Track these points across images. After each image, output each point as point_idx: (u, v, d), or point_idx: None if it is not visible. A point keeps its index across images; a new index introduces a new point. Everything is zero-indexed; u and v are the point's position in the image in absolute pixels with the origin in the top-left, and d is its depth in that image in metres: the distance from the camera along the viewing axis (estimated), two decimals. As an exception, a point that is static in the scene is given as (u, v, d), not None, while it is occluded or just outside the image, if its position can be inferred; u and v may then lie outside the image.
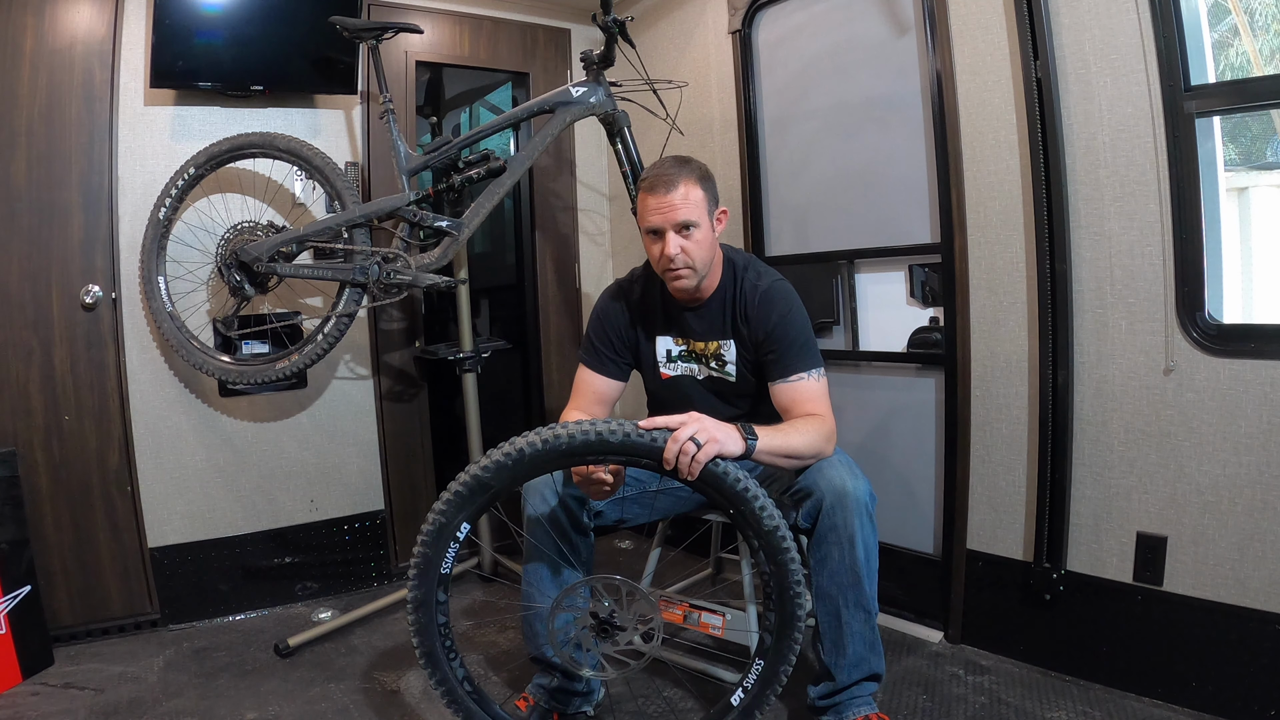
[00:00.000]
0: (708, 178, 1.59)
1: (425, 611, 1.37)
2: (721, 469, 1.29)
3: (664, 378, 1.73)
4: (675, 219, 1.53)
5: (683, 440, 1.27)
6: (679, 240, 1.54)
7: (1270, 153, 2.05)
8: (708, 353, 1.68)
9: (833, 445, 1.51)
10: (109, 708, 1.80)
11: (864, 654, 1.48)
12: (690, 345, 1.70)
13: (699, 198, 1.55)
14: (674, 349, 1.72)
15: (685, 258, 1.55)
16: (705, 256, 1.58)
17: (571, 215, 2.95)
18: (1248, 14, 1.85)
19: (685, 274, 1.57)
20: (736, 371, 1.66)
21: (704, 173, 1.59)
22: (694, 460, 1.27)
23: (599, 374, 1.70)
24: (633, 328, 1.73)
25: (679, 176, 1.54)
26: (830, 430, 1.51)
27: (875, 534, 1.46)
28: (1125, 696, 1.67)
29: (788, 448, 1.42)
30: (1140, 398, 1.66)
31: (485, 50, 2.76)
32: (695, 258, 1.56)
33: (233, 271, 2.12)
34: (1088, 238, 1.71)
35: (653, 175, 1.57)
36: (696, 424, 1.29)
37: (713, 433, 1.29)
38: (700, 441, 1.28)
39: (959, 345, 1.93)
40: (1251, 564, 1.52)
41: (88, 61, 2.13)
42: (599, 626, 1.40)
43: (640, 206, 1.59)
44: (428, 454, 2.70)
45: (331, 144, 2.45)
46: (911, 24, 2.00)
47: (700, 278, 1.60)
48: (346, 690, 1.87)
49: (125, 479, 2.22)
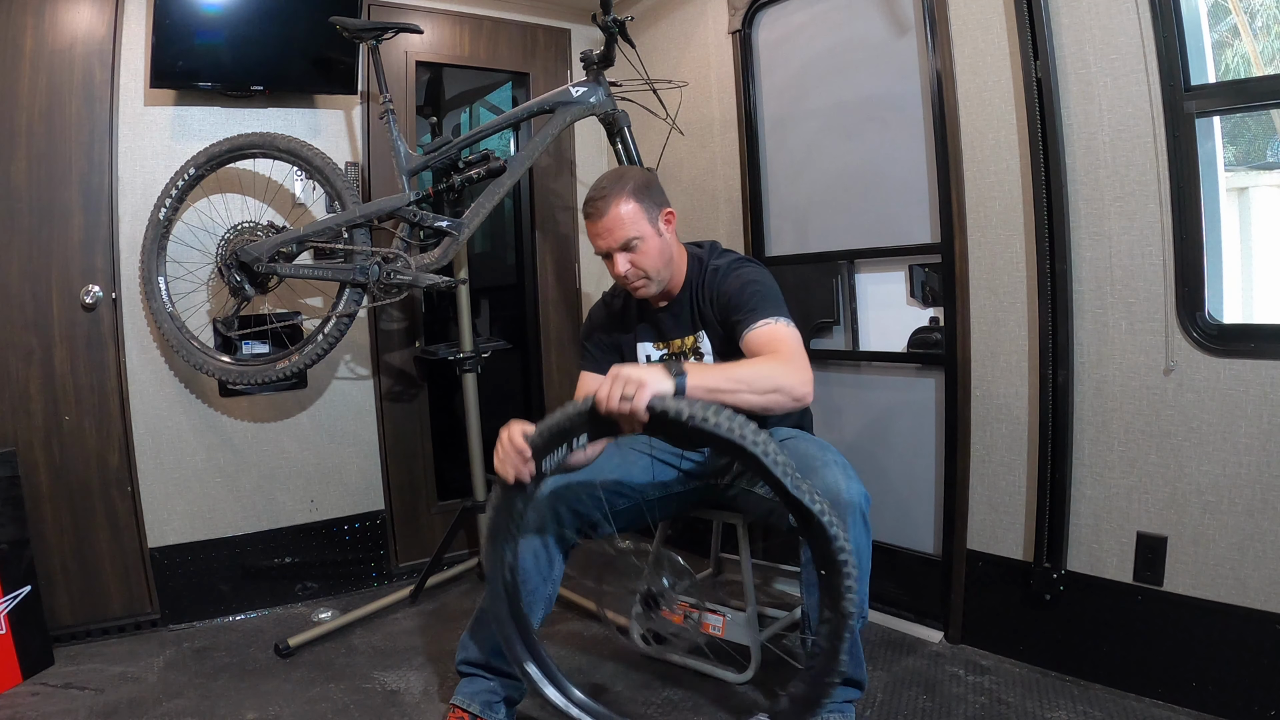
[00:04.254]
0: (644, 187, 1.59)
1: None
2: (664, 407, 1.22)
3: None
4: (615, 241, 1.57)
5: (610, 402, 1.23)
6: (626, 258, 1.58)
7: (1270, 153, 2.05)
8: (686, 349, 1.70)
9: (799, 379, 1.39)
10: (109, 708, 1.80)
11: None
12: (669, 345, 1.72)
13: (633, 211, 1.56)
14: (654, 354, 1.74)
15: (636, 271, 1.59)
16: (657, 264, 1.60)
17: (571, 215, 2.95)
18: (1248, 14, 1.85)
19: (642, 284, 1.62)
20: (715, 361, 1.67)
21: (639, 183, 1.59)
22: (634, 411, 1.21)
23: (598, 374, 1.71)
24: (617, 335, 1.77)
25: (610, 198, 1.56)
26: (793, 362, 1.41)
27: (869, 537, 1.44)
28: (1125, 696, 1.66)
29: (735, 379, 1.33)
30: (1140, 398, 1.66)
31: (485, 50, 2.76)
32: (647, 268, 1.59)
33: (233, 272, 2.12)
34: (1088, 238, 1.71)
35: (589, 200, 1.60)
36: (613, 377, 1.25)
37: (636, 377, 1.24)
38: (629, 394, 1.22)
39: (959, 345, 1.93)
40: (1251, 564, 1.52)
41: (88, 61, 2.13)
42: (647, 598, 1.42)
43: (588, 232, 1.63)
44: (428, 454, 2.70)
45: (331, 144, 2.45)
46: (911, 24, 2.00)
47: (660, 283, 1.63)
48: (346, 690, 1.86)
49: (125, 479, 2.22)
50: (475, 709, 1.59)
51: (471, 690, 1.62)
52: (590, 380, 1.72)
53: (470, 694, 1.61)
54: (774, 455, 1.17)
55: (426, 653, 2.05)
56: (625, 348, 1.76)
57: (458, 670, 1.66)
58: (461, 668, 1.65)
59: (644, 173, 1.65)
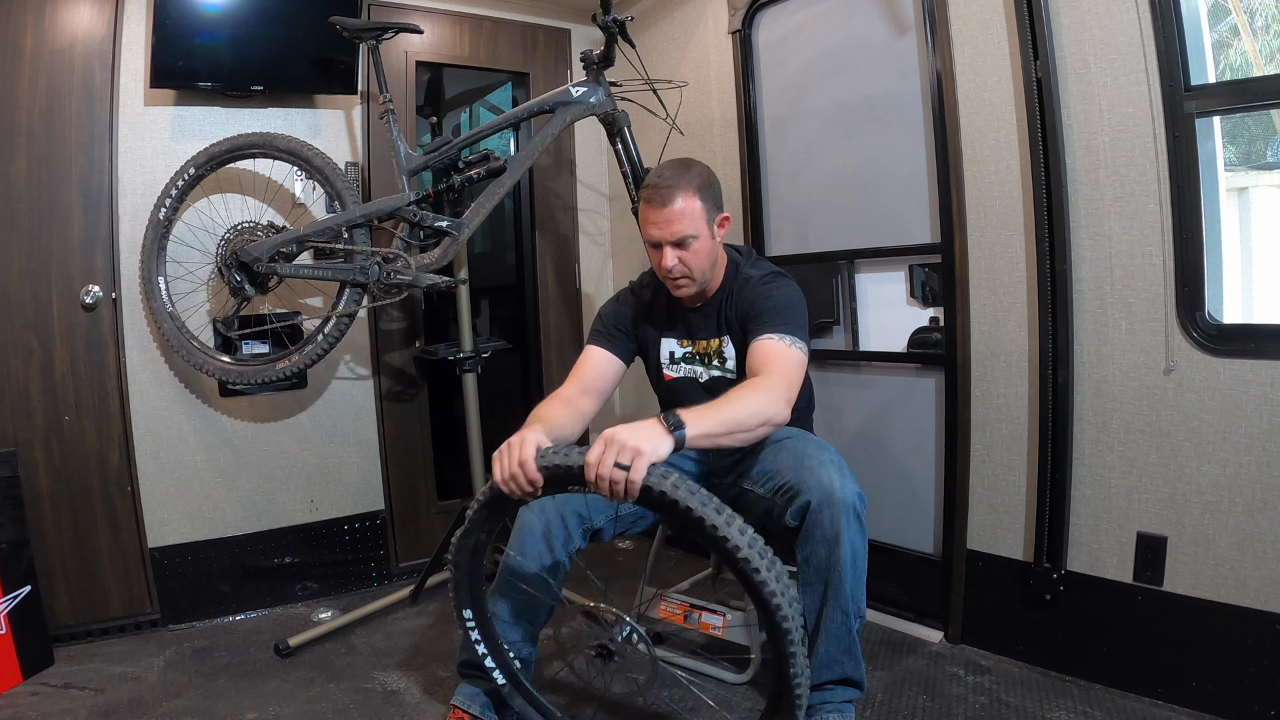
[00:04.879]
0: (708, 185, 1.58)
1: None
2: (660, 488, 1.14)
3: (667, 379, 1.74)
4: (672, 234, 1.54)
5: (601, 469, 1.16)
6: (676, 253, 1.55)
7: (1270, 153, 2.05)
8: (710, 350, 1.69)
9: (781, 405, 1.37)
10: (109, 708, 1.80)
11: (836, 655, 1.46)
12: (694, 345, 1.71)
13: (696, 210, 1.54)
14: (678, 351, 1.73)
15: (683, 268, 1.56)
16: (704, 265, 1.58)
17: (571, 215, 2.95)
18: (1248, 14, 1.85)
19: (684, 283, 1.60)
20: (737, 367, 1.66)
21: (705, 180, 1.57)
22: (629, 484, 1.15)
23: (606, 350, 1.70)
24: (642, 325, 1.75)
25: (676, 189, 1.52)
26: (776, 391, 1.38)
27: (864, 536, 1.44)
28: (1125, 696, 1.67)
29: (729, 423, 1.30)
30: (1140, 398, 1.66)
31: (485, 50, 2.76)
32: (693, 268, 1.57)
33: (233, 272, 2.12)
34: (1088, 238, 1.71)
35: (652, 185, 1.56)
36: (605, 444, 1.17)
37: (632, 444, 1.16)
38: (625, 462, 1.15)
39: (959, 345, 1.93)
40: (1251, 564, 1.52)
41: (88, 61, 2.13)
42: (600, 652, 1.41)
43: (641, 215, 1.59)
44: (428, 454, 2.70)
45: (331, 144, 2.45)
46: (911, 24, 2.00)
47: (700, 285, 1.62)
48: (346, 690, 1.86)
49: (125, 479, 2.21)
50: (475, 710, 1.59)
51: (471, 691, 1.62)
52: (594, 354, 1.69)
53: (470, 695, 1.61)
54: (758, 558, 1.15)
55: (426, 653, 2.05)
56: (649, 338, 1.74)
57: (458, 672, 1.66)
58: (462, 670, 1.65)
59: (708, 169, 1.61)
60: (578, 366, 1.70)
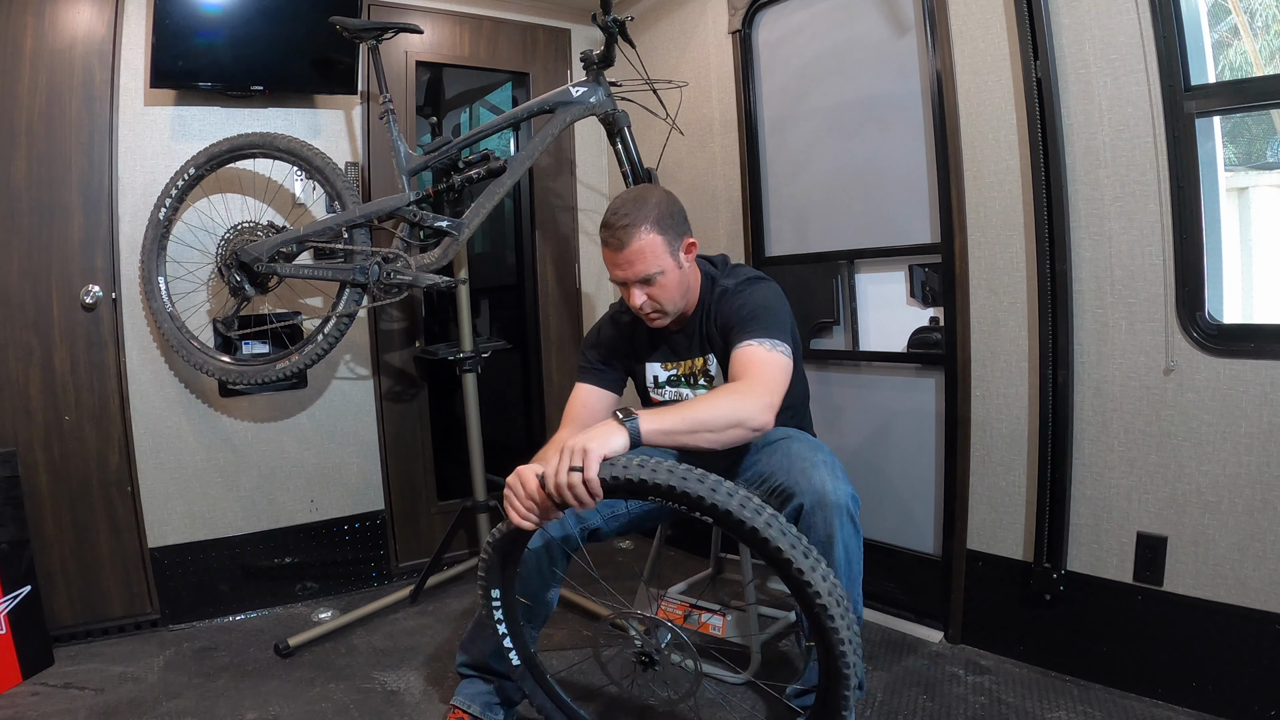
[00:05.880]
0: (667, 216, 1.51)
1: None
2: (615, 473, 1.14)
3: (654, 402, 1.72)
4: (635, 275, 1.50)
5: (558, 477, 1.16)
6: (644, 291, 1.52)
7: (1270, 153, 2.05)
8: (696, 370, 1.67)
9: (757, 409, 1.32)
10: (109, 708, 1.80)
11: None
12: (679, 366, 1.68)
13: (657, 245, 1.49)
14: (662, 374, 1.70)
15: (653, 303, 1.54)
16: (674, 296, 1.55)
17: (571, 215, 2.95)
18: (1248, 14, 1.85)
19: (656, 317, 1.57)
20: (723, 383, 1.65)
21: (662, 211, 1.51)
22: (587, 482, 1.15)
23: (597, 386, 1.68)
24: (625, 351, 1.72)
25: (633, 228, 1.48)
26: (752, 395, 1.34)
27: (858, 537, 1.43)
28: (1125, 696, 1.67)
29: (693, 422, 1.27)
30: (1140, 398, 1.66)
31: (485, 50, 2.76)
32: (664, 301, 1.54)
33: (233, 272, 2.12)
34: (1088, 238, 1.71)
35: (608, 225, 1.51)
36: (557, 452, 1.18)
37: (579, 444, 1.16)
38: (577, 464, 1.15)
39: (959, 345, 1.93)
40: (1251, 564, 1.52)
41: (88, 61, 2.13)
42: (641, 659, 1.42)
43: (603, 256, 1.56)
44: (428, 454, 2.70)
45: (331, 144, 2.45)
46: (911, 24, 2.00)
47: (674, 314, 1.58)
48: (346, 690, 1.87)
49: (125, 479, 2.22)
50: (475, 710, 1.59)
51: (472, 691, 1.62)
52: (585, 393, 1.67)
53: (470, 695, 1.61)
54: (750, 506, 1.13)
55: (426, 653, 2.05)
56: (633, 366, 1.73)
57: (458, 671, 1.66)
58: (462, 669, 1.65)
59: (666, 196, 1.56)
60: (570, 407, 1.67)
